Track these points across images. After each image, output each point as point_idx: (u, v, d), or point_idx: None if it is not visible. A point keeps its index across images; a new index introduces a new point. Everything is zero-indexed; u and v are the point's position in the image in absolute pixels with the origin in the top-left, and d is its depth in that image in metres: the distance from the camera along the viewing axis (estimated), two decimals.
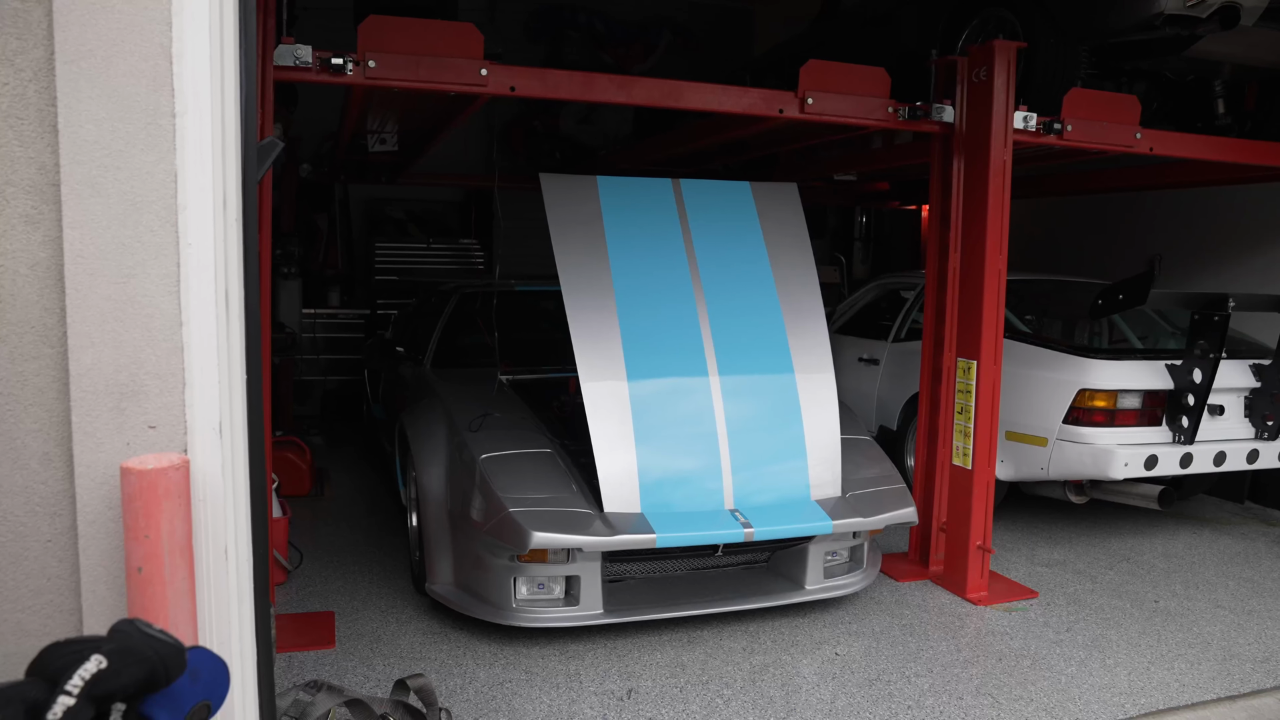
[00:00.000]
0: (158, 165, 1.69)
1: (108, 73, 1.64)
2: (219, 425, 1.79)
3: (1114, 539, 5.43)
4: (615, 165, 7.29)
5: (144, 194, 1.69)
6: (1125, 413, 4.95)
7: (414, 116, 5.29)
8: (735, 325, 4.04)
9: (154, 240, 1.71)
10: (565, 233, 3.99)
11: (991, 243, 4.32)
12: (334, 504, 5.86)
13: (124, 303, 1.70)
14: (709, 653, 3.77)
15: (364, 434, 7.48)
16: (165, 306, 1.73)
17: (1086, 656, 3.82)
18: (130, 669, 1.24)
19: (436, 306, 5.80)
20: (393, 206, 9.40)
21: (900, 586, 4.57)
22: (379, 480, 6.37)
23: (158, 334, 1.73)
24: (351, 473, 6.65)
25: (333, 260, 9.11)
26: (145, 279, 1.71)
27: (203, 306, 1.76)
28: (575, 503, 3.65)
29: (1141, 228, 7.40)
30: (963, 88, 4.42)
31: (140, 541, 1.61)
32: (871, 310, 6.96)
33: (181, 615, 1.66)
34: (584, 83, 3.90)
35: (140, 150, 1.67)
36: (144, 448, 1.73)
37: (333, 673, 3.52)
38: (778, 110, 4.16)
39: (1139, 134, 4.70)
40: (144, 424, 1.73)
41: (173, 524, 1.64)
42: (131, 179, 1.67)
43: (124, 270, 1.69)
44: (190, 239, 1.74)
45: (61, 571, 1.73)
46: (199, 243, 1.75)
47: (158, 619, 1.61)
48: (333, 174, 8.24)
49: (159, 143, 1.68)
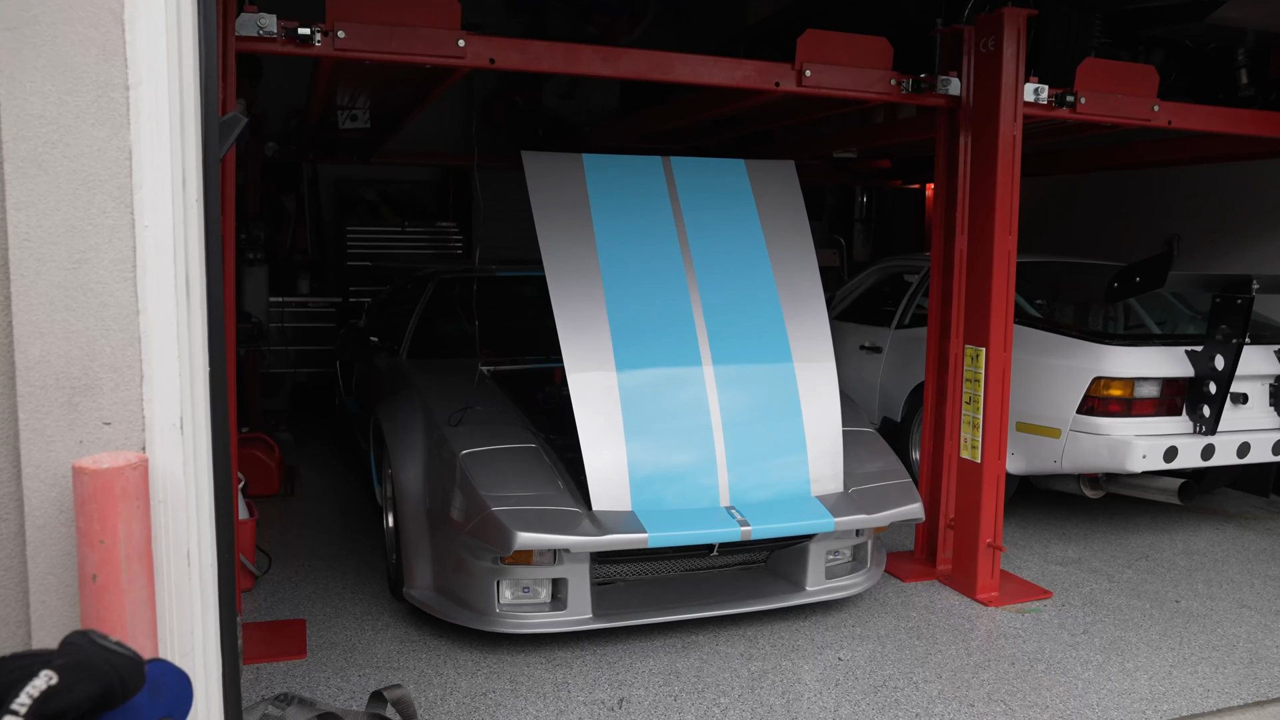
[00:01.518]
0: (110, 141, 1.66)
1: (54, 41, 1.61)
2: (179, 421, 1.77)
3: (1132, 535, 5.45)
4: (601, 142, 7.26)
5: (96, 172, 1.66)
6: (1143, 402, 4.97)
7: (387, 91, 5.25)
8: (730, 311, 4.03)
9: (107, 222, 1.68)
10: (549, 214, 3.96)
11: (1000, 223, 4.32)
12: (304, 504, 5.84)
13: (75, 290, 1.67)
14: (704, 659, 3.77)
15: (336, 429, 7.45)
16: (120, 294, 1.71)
17: (1104, 660, 3.84)
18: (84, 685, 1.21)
19: (413, 293, 5.77)
20: (365, 187, 9.35)
21: (906, 587, 4.58)
22: (353, 478, 6.34)
23: (112, 323, 1.71)
24: (323, 471, 6.62)
25: (301, 245, 9.05)
26: (98, 264, 1.68)
27: (161, 294, 1.74)
28: (562, 501, 3.64)
29: (1159, 206, 7.42)
30: (969, 59, 4.40)
31: (94, 547, 1.59)
32: (873, 295, 6.96)
33: (140, 626, 1.64)
34: (567, 55, 3.87)
35: (91, 125, 1.64)
36: (98, 446, 1.71)
37: (304, 685, 3.51)
38: (774, 83, 4.14)
39: (1157, 106, 4.70)
40: (98, 420, 1.71)
41: (130, 528, 1.62)
42: (82, 156, 1.64)
43: (75, 255, 1.67)
44: (147, 221, 1.72)
45: (7, 580, 1.70)
46: (156, 225, 1.73)
47: (114, 630, 1.59)
48: (301, 152, 8.18)
49: (111, 117, 1.65)
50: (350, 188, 9.37)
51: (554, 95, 8.00)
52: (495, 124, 8.68)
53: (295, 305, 8.56)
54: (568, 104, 7.95)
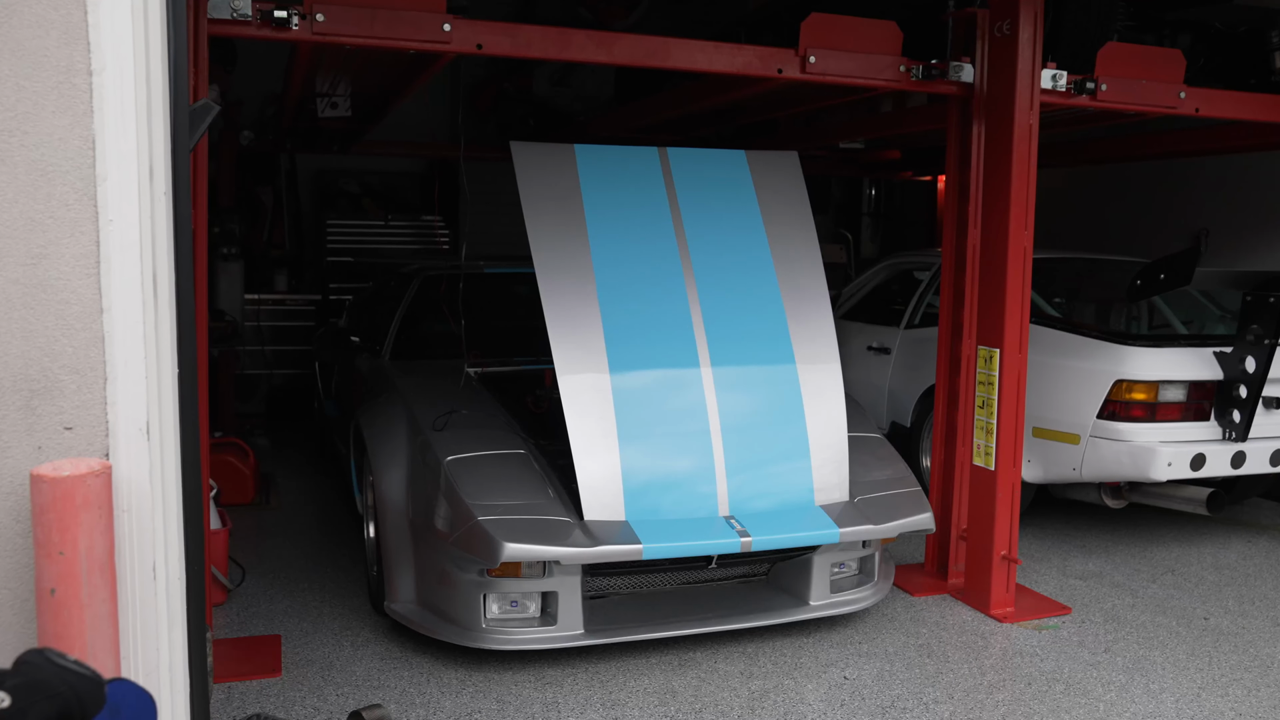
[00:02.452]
0: (72, 130, 1.66)
1: (10, 23, 1.61)
2: (145, 426, 1.77)
3: (1156, 548, 5.46)
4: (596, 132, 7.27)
5: (57, 163, 1.66)
6: (1168, 406, 4.97)
7: (369, 77, 5.25)
8: (730, 310, 4.03)
9: (69, 215, 1.69)
10: (539, 208, 3.97)
11: (1016, 217, 4.32)
12: (281, 513, 5.84)
13: (34, 287, 1.68)
14: (702, 677, 3.77)
15: (315, 435, 7.45)
16: (83, 291, 1.71)
17: (1127, 681, 3.84)
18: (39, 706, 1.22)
19: (396, 291, 5.78)
20: (346, 179, 9.34)
21: (916, 601, 4.58)
22: (332, 486, 6.34)
23: (74, 322, 1.71)
24: (301, 478, 6.62)
25: (279, 239, 9.05)
26: (59, 259, 1.69)
27: (126, 291, 1.74)
28: (552, 510, 3.64)
29: (1187, 199, 7.44)
30: (983, 43, 4.41)
31: (53, 559, 1.59)
32: (881, 293, 6.97)
33: (101, 642, 1.64)
34: (559, 40, 3.88)
35: (51, 113, 1.64)
36: (58, 452, 1.71)
37: (278, 704, 3.51)
38: (776, 70, 4.15)
39: (1183, 93, 4.70)
40: (58, 425, 1.71)
41: (91, 538, 1.62)
42: (41, 145, 1.65)
43: (34, 250, 1.67)
44: (111, 214, 1.72)
45: None
46: (121, 218, 1.73)
47: (73, 647, 1.59)
48: (278, 142, 8.18)
49: (73, 104, 1.66)
50: (330, 179, 9.37)
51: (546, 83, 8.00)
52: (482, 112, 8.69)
53: (272, 303, 8.56)
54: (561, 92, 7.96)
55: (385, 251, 8.68)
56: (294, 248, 9.25)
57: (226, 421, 7.62)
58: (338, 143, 7.85)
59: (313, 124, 6.86)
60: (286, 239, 9.14)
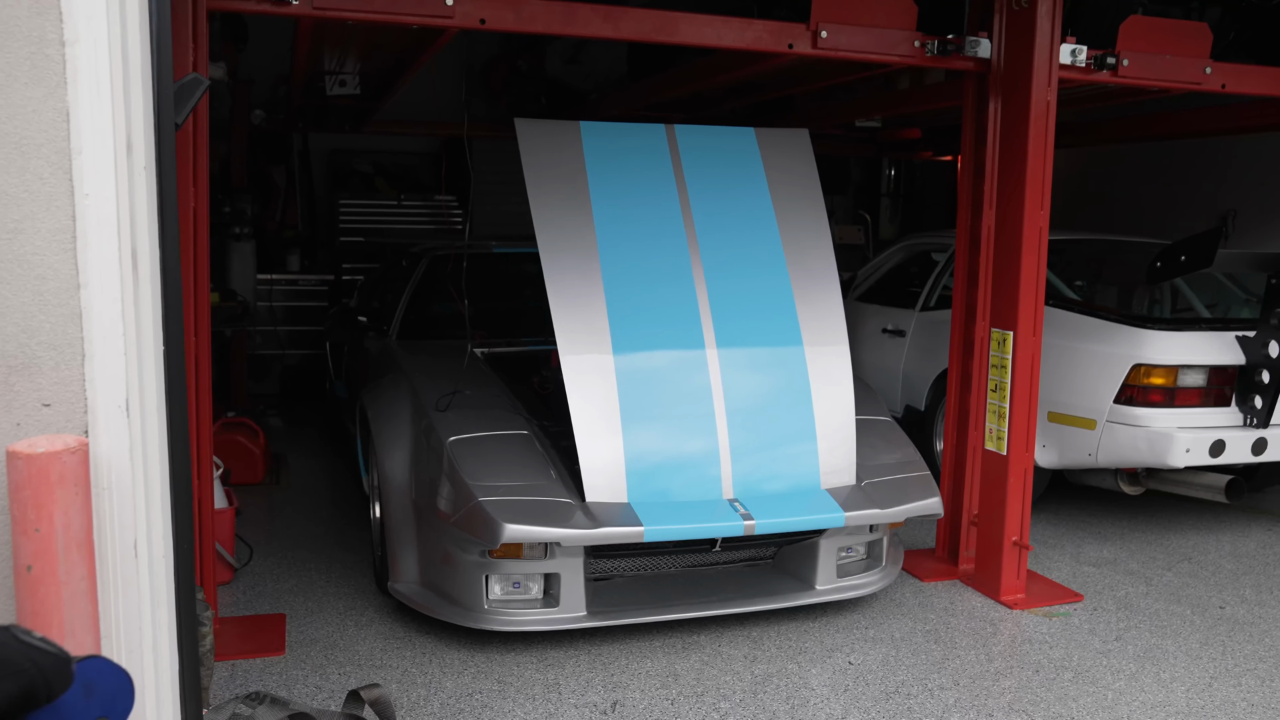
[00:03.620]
0: (45, 102, 1.65)
1: None
2: (125, 402, 1.77)
3: (1174, 535, 5.40)
4: (609, 110, 7.22)
5: (30, 135, 1.65)
6: (1187, 391, 4.91)
7: (375, 54, 5.24)
8: (736, 291, 4.00)
9: (44, 189, 1.68)
10: (543, 186, 3.95)
11: (1031, 196, 4.26)
12: (290, 493, 5.87)
13: (10, 262, 1.67)
14: (706, 660, 3.76)
15: (328, 415, 7.48)
16: (59, 266, 1.70)
17: (1137, 669, 3.80)
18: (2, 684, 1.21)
19: (405, 271, 5.78)
20: (359, 159, 9.35)
21: (925, 587, 4.55)
22: (343, 466, 6.37)
23: (51, 298, 1.70)
24: (312, 458, 6.66)
25: (291, 219, 9.07)
26: (35, 234, 1.68)
27: (104, 267, 1.73)
28: (554, 491, 3.64)
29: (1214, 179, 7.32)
30: (1001, 17, 4.34)
31: (29, 536, 1.59)
32: (898, 275, 6.91)
33: (79, 620, 1.64)
34: (564, 14, 3.84)
35: (24, 84, 1.63)
36: (37, 428, 1.70)
37: (280, 683, 3.53)
38: (786, 45, 4.09)
39: (1209, 68, 4.60)
40: (36, 401, 1.71)
41: (68, 515, 1.62)
42: (14, 118, 1.64)
43: (9, 225, 1.66)
44: (87, 189, 1.71)
45: None
46: (98, 193, 1.72)
47: (50, 624, 1.59)
48: (290, 121, 8.18)
49: (46, 76, 1.64)
50: (343, 159, 9.37)
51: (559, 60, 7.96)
52: (495, 91, 8.65)
53: (285, 283, 8.58)
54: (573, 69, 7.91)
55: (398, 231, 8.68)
56: (307, 227, 9.26)
57: (240, 401, 7.67)
58: (349, 121, 7.84)
59: (322, 102, 6.85)
60: (300, 219, 9.15)
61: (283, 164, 9.07)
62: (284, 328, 8.50)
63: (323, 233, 9.34)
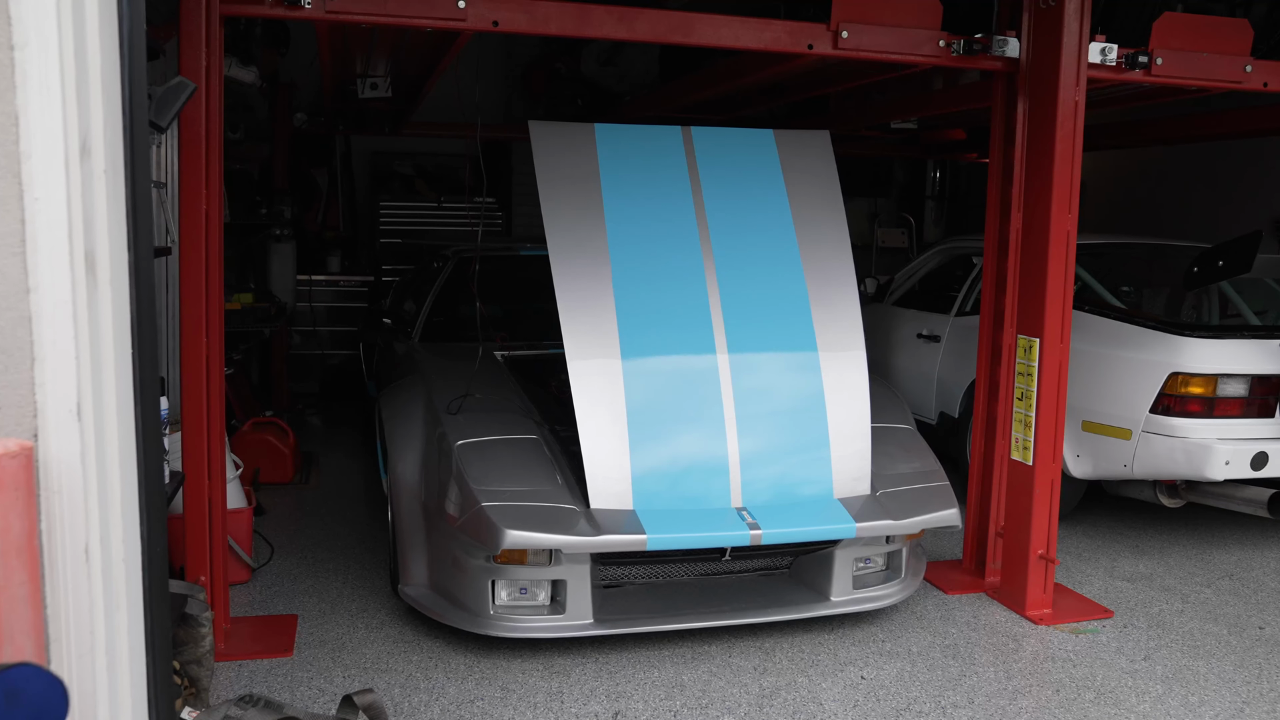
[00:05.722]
0: None
1: None
2: (76, 406, 1.75)
3: (1216, 551, 5.19)
4: (640, 111, 7.17)
5: None
6: (1227, 401, 4.71)
7: (402, 57, 5.24)
8: (750, 294, 3.92)
9: None
10: (556, 188, 3.90)
11: (1059, 199, 4.11)
12: (319, 493, 5.90)
13: None
14: (713, 672, 3.68)
15: (365, 415, 7.52)
16: (9, 270, 1.69)
17: (1165, 691, 3.64)
18: None
19: (433, 274, 5.78)
20: (400, 161, 9.41)
21: (948, 599, 4.42)
22: (373, 466, 6.37)
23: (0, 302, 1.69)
24: (346, 458, 6.70)
25: (333, 221, 9.16)
26: None
27: (54, 271, 1.71)
28: (558, 497, 3.59)
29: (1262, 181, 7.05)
30: (1029, 15, 4.20)
31: None
32: (935, 279, 6.75)
33: (19, 626, 1.62)
34: (578, 16, 3.79)
35: None
36: None
37: (284, 685, 3.52)
38: (806, 45, 4.00)
39: (1249, 66, 4.39)
40: None
41: (7, 520, 1.60)
42: None
43: None
44: (37, 193, 1.69)
45: None
46: (49, 197, 1.70)
47: None
48: (330, 124, 8.26)
49: None
50: (384, 161, 9.44)
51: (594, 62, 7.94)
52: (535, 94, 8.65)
53: (326, 284, 8.67)
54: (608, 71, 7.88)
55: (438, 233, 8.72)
56: (349, 229, 9.35)
57: (280, 400, 7.75)
58: (386, 124, 7.89)
59: (357, 105, 6.89)
60: (341, 220, 9.24)
61: (325, 166, 9.16)
62: (325, 328, 8.57)
63: (364, 234, 9.42)
